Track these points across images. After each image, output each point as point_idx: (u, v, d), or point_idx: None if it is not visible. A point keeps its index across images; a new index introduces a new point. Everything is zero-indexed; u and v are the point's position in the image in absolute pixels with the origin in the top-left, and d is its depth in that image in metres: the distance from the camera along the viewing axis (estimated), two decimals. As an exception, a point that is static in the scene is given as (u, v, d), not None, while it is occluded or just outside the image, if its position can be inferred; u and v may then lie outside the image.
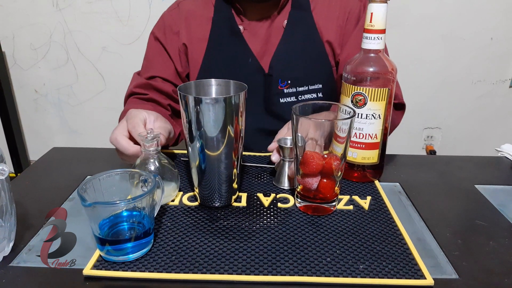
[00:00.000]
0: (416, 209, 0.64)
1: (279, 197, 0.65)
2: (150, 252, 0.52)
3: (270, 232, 0.56)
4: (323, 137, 0.56)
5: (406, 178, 0.73)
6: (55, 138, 1.98)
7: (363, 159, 0.68)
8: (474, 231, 0.59)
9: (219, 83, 0.63)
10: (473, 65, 1.78)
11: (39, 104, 1.92)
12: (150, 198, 0.50)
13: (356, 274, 0.48)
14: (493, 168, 0.80)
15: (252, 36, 0.87)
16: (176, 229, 0.56)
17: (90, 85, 1.86)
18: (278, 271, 0.49)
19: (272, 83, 0.86)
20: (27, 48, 1.80)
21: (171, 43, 0.89)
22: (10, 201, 0.50)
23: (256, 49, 0.87)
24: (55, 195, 0.66)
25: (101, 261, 0.50)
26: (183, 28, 0.89)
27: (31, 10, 1.74)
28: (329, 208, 0.61)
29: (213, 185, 0.60)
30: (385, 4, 0.59)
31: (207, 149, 0.57)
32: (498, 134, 1.91)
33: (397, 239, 0.55)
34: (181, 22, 0.89)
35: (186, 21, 0.89)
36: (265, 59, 0.87)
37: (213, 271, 0.49)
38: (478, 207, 0.65)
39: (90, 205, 0.46)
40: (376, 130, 0.66)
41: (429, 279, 0.48)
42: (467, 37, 1.74)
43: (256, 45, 0.87)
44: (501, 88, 1.84)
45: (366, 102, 0.64)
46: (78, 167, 0.76)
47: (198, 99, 0.54)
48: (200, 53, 0.88)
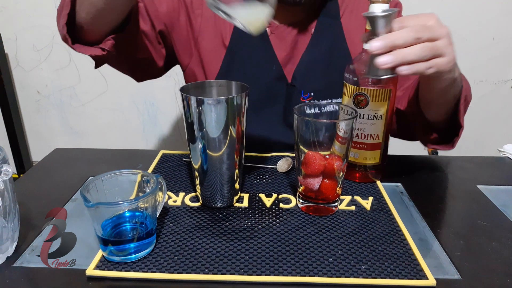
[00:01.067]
0: (418, 209, 0.64)
1: (281, 198, 0.65)
2: (152, 253, 0.52)
3: (272, 232, 0.56)
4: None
5: (408, 179, 0.73)
6: (58, 139, 1.98)
7: (365, 160, 0.68)
8: (476, 231, 0.59)
9: (220, 83, 0.63)
10: (474, 65, 1.78)
11: (42, 105, 1.92)
12: (152, 198, 0.50)
13: (358, 274, 0.49)
14: (495, 168, 0.80)
15: (279, 41, 0.81)
16: (178, 230, 0.57)
17: (92, 87, 1.87)
18: (280, 271, 0.49)
19: (294, 94, 0.82)
20: (29, 49, 1.81)
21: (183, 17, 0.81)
22: (14, 202, 0.50)
23: (281, 55, 0.81)
24: (58, 195, 0.66)
25: (104, 262, 0.50)
26: (204, 18, 0.81)
27: (34, 12, 1.75)
28: (331, 208, 0.61)
29: (215, 185, 0.60)
30: (387, 4, 0.59)
31: (209, 150, 0.57)
32: (500, 134, 1.91)
33: (399, 240, 0.55)
34: (206, 9, 0.80)
35: (209, 12, 0.79)
36: (289, 67, 0.82)
37: (216, 271, 0.49)
38: (480, 208, 0.65)
39: (93, 206, 0.47)
40: (378, 131, 0.66)
41: (431, 279, 0.48)
42: (469, 37, 1.74)
43: (281, 52, 0.81)
44: (503, 88, 1.84)
45: (367, 102, 0.64)
46: (81, 168, 0.76)
47: (200, 100, 0.54)
48: (219, 54, 0.82)
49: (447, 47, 0.55)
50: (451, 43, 0.56)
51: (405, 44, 0.52)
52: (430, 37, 0.53)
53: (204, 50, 0.83)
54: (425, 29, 0.53)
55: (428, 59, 0.54)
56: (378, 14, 0.52)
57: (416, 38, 0.52)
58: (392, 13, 0.52)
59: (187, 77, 0.89)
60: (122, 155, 0.84)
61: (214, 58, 0.83)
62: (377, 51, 0.52)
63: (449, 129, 0.72)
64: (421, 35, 0.52)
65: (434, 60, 0.54)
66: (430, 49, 0.53)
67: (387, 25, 0.53)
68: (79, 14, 0.64)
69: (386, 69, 0.53)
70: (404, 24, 0.54)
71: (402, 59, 0.52)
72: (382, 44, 0.51)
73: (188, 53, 0.85)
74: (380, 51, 0.52)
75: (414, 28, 0.53)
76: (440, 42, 0.54)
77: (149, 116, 1.92)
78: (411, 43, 0.52)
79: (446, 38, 0.55)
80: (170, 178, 0.71)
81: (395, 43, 0.52)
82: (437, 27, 0.54)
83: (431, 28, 0.54)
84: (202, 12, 0.82)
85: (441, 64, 0.55)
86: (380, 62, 0.52)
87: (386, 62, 0.52)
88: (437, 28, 0.54)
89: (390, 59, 0.52)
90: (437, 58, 0.54)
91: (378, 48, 0.52)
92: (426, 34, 0.53)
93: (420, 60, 0.53)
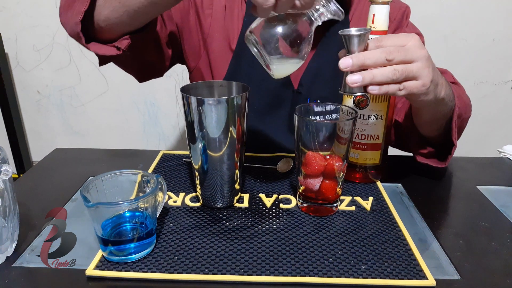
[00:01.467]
0: (418, 210, 0.64)
1: (281, 198, 0.65)
2: (152, 253, 0.52)
3: (272, 232, 0.56)
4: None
5: (408, 179, 0.73)
6: (58, 139, 1.98)
7: (365, 160, 0.68)
8: (476, 232, 0.59)
9: (221, 84, 0.63)
10: (475, 66, 1.78)
11: (42, 105, 1.92)
12: (152, 198, 0.50)
13: (358, 274, 0.49)
14: (495, 169, 0.80)
15: None
16: (178, 230, 0.57)
17: (92, 87, 1.87)
18: (280, 271, 0.49)
19: (300, 101, 0.80)
20: (30, 49, 1.81)
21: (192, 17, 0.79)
22: (13, 202, 0.50)
23: None
24: (58, 195, 0.66)
25: (104, 262, 0.50)
26: (213, 19, 0.79)
27: (34, 12, 1.75)
28: (331, 209, 0.61)
29: (215, 186, 0.60)
30: (387, 5, 0.59)
31: (209, 150, 0.57)
32: (500, 135, 1.91)
33: (399, 240, 0.55)
34: (215, 10, 0.80)
35: (219, 13, 0.80)
36: (296, 72, 0.81)
37: (216, 271, 0.49)
38: (480, 208, 0.65)
39: (93, 206, 0.47)
40: (378, 131, 0.66)
41: (431, 279, 0.48)
42: (469, 38, 1.74)
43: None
44: (503, 89, 1.84)
45: (368, 103, 0.64)
46: (81, 168, 0.76)
47: (200, 100, 0.54)
48: (227, 57, 0.81)
49: (422, 70, 0.54)
50: (428, 66, 0.55)
51: (375, 64, 0.53)
52: (403, 59, 0.53)
53: (212, 52, 0.83)
54: (400, 51, 0.53)
55: (401, 81, 0.54)
56: (351, 33, 0.53)
57: (388, 59, 0.52)
58: (365, 33, 0.53)
59: (194, 79, 0.88)
60: (122, 155, 0.84)
61: (221, 60, 0.82)
62: (346, 69, 0.53)
63: (444, 145, 0.71)
64: (393, 56, 0.52)
65: (406, 83, 0.54)
66: (402, 71, 0.53)
67: (360, 44, 0.53)
68: (102, 12, 0.61)
69: (359, 87, 0.54)
70: (381, 43, 0.54)
71: (371, 79, 0.52)
72: (351, 63, 0.52)
73: (197, 54, 0.84)
74: (349, 69, 0.53)
75: (388, 49, 0.53)
76: (414, 65, 0.54)
77: (150, 116, 1.92)
78: (382, 63, 0.53)
79: (422, 61, 0.54)
80: (170, 178, 0.71)
81: (365, 63, 0.52)
82: (414, 49, 0.54)
83: (407, 50, 0.53)
84: (212, 12, 0.81)
85: (413, 87, 0.54)
86: (349, 80, 0.53)
87: (354, 81, 0.53)
88: (414, 50, 0.54)
89: (359, 79, 0.52)
90: (409, 81, 0.54)
91: (346, 66, 0.53)
92: (400, 56, 0.53)
93: (390, 82, 0.53)
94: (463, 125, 0.73)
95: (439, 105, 0.63)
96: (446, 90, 0.61)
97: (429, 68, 0.55)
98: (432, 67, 0.56)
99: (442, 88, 0.60)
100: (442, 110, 0.64)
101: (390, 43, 0.54)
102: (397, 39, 0.55)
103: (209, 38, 0.82)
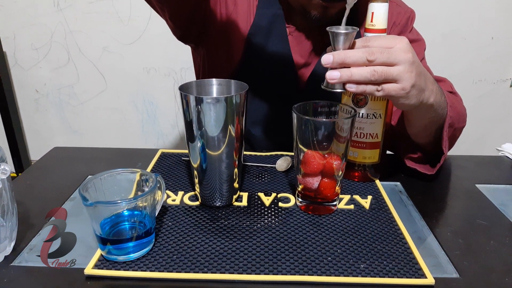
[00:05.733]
0: (417, 208, 0.64)
1: (280, 197, 0.65)
2: (151, 252, 0.52)
3: (271, 231, 0.56)
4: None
5: (407, 178, 0.73)
6: (56, 138, 1.98)
7: (364, 159, 0.68)
8: (475, 230, 0.59)
9: (220, 82, 0.63)
10: (473, 64, 1.78)
11: (40, 104, 1.92)
12: (151, 197, 0.50)
13: (357, 273, 0.49)
14: (494, 167, 0.80)
15: (297, 44, 0.79)
16: (177, 229, 0.56)
17: (91, 85, 1.87)
18: (279, 270, 0.49)
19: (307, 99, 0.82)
20: (28, 48, 1.81)
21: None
22: (12, 201, 0.50)
23: (297, 59, 0.79)
24: (57, 194, 0.66)
25: (103, 261, 0.50)
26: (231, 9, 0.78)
27: (32, 10, 1.74)
28: (330, 207, 0.61)
29: (214, 184, 0.60)
30: (386, 3, 0.59)
31: (208, 149, 0.57)
32: (499, 133, 1.91)
33: (398, 239, 0.55)
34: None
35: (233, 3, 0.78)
36: (304, 71, 0.80)
37: (214, 270, 0.49)
38: (479, 207, 0.65)
39: (92, 205, 0.46)
40: (377, 130, 0.66)
41: (430, 278, 0.48)
42: (468, 36, 1.74)
43: (298, 56, 0.79)
44: (501, 88, 1.85)
45: (367, 101, 0.64)
46: (79, 166, 0.76)
47: (199, 99, 0.54)
48: (239, 47, 0.78)
49: (403, 73, 0.54)
50: (411, 71, 0.54)
51: (355, 63, 0.53)
52: (385, 61, 0.53)
53: (230, 26, 0.80)
54: (383, 52, 0.53)
55: (380, 82, 0.54)
56: (336, 31, 0.54)
57: (369, 60, 0.52)
58: (351, 32, 0.54)
59: (210, 49, 0.84)
60: (121, 154, 0.84)
61: (237, 40, 0.80)
62: (326, 65, 0.54)
63: (434, 153, 0.71)
64: (375, 57, 0.53)
65: (385, 85, 0.54)
66: (381, 73, 0.53)
67: (345, 42, 0.54)
68: None
69: (339, 84, 0.55)
70: (368, 44, 0.54)
71: (348, 77, 0.53)
72: (331, 60, 0.53)
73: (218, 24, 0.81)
74: (329, 65, 0.54)
75: (371, 50, 0.53)
76: (395, 68, 0.53)
77: (148, 115, 1.92)
78: (362, 63, 0.53)
79: (405, 65, 0.54)
80: (169, 177, 0.71)
81: (345, 61, 0.53)
82: (399, 52, 0.54)
83: (391, 53, 0.53)
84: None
85: (391, 89, 0.54)
86: (328, 75, 0.54)
87: (332, 77, 0.54)
88: (398, 53, 0.54)
89: (337, 75, 0.53)
90: (389, 83, 0.54)
91: (327, 62, 0.54)
92: (382, 57, 0.53)
93: (368, 82, 0.53)
94: (456, 135, 0.73)
95: (428, 112, 0.62)
96: (436, 97, 0.61)
97: (411, 73, 0.54)
98: (416, 72, 0.55)
99: (431, 95, 0.60)
100: (431, 116, 0.64)
101: (377, 44, 0.54)
102: (385, 40, 0.55)
103: (233, 14, 0.79)
